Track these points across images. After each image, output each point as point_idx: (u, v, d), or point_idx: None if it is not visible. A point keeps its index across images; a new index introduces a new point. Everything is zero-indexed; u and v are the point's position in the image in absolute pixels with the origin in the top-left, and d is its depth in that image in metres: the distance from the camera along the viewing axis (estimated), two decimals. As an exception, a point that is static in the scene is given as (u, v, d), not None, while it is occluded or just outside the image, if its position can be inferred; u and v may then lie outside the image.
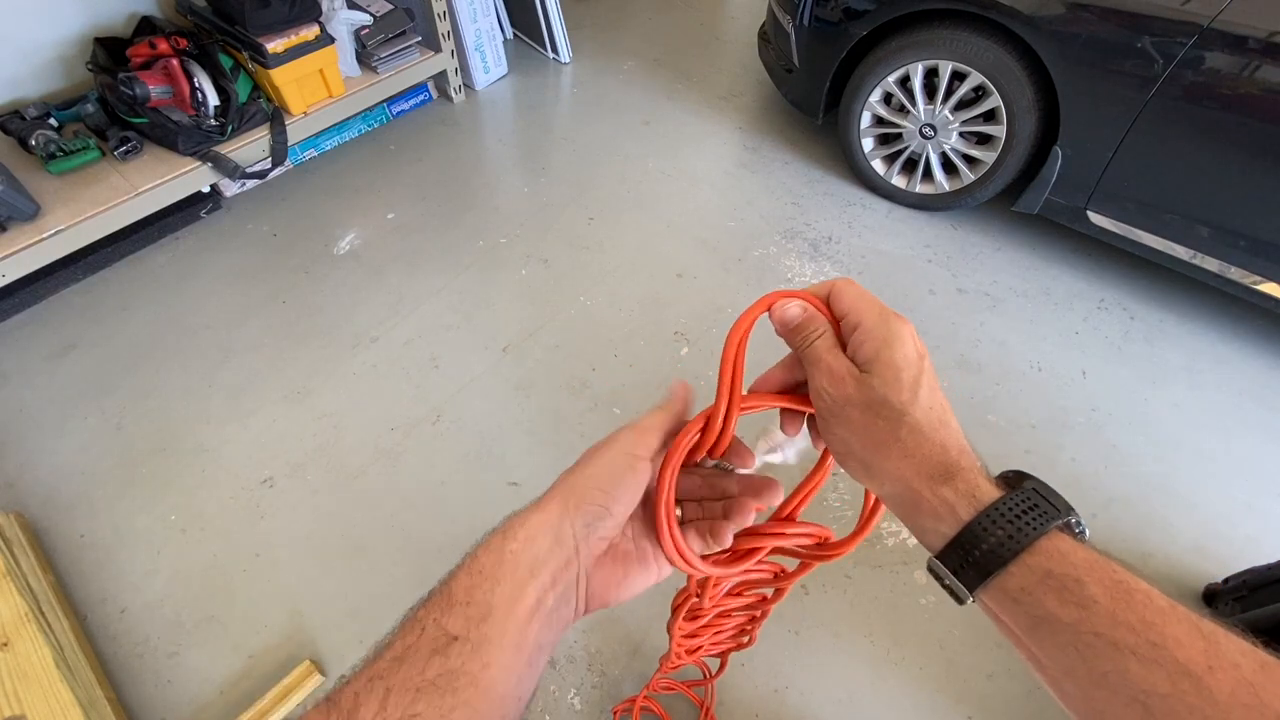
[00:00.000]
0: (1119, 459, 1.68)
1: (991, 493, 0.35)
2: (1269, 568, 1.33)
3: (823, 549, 0.49)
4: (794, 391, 0.44)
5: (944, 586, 0.36)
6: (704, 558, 0.44)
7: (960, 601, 0.36)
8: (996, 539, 0.33)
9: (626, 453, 0.40)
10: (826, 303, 0.41)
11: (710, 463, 0.45)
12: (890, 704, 1.31)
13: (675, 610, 0.69)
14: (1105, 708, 0.30)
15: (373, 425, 1.69)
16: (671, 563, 0.42)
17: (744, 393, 0.42)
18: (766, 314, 0.42)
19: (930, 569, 0.37)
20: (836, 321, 0.41)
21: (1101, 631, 0.30)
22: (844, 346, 0.40)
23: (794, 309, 0.40)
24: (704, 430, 0.41)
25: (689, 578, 0.58)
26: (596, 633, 1.37)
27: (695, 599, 0.62)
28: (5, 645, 1.17)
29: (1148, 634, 0.29)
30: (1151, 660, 0.29)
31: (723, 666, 1.12)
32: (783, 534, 0.47)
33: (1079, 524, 0.34)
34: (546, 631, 0.36)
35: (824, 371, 0.39)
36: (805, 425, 0.45)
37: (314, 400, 1.75)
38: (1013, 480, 0.37)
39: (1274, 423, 1.76)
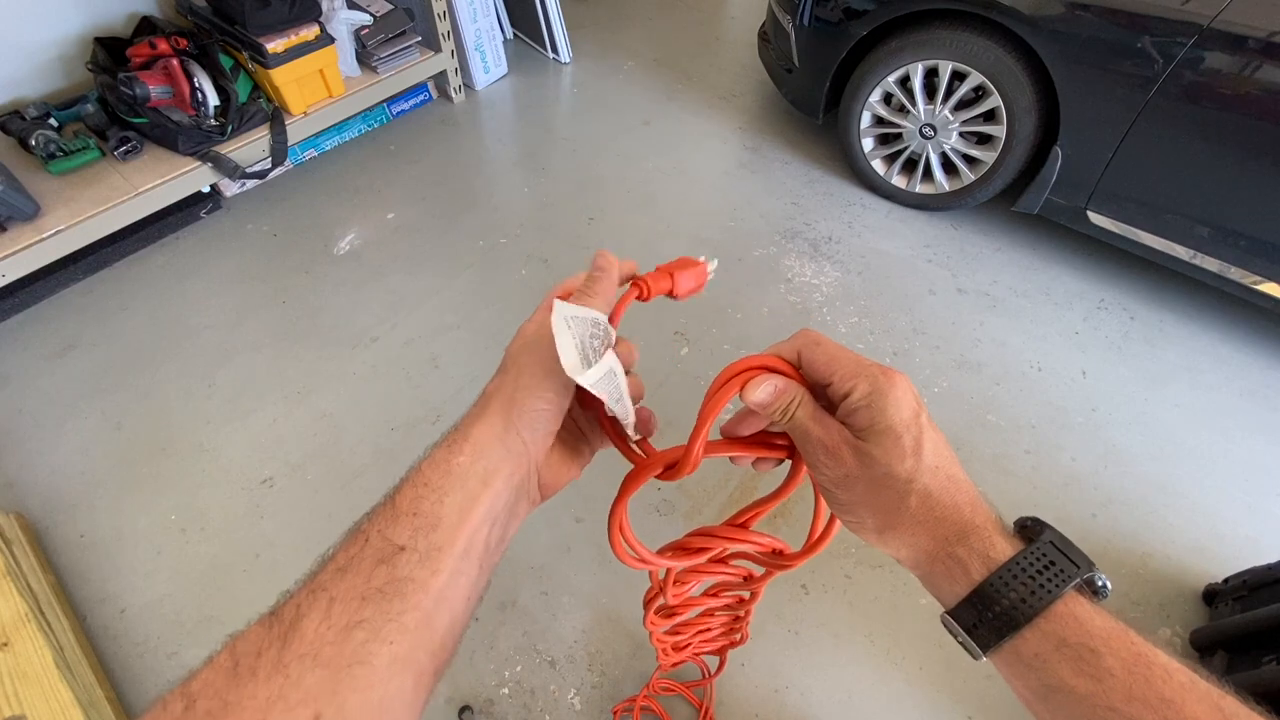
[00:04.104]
0: (1119, 459, 1.68)
1: (1006, 550, 0.34)
2: (1269, 568, 1.33)
3: (777, 558, 0.51)
4: (765, 434, 0.44)
5: (959, 642, 0.35)
6: (658, 552, 0.48)
7: (975, 658, 0.35)
8: (1010, 601, 0.32)
9: None
10: (796, 363, 0.39)
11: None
12: (890, 704, 1.31)
13: (646, 605, 0.72)
14: None
15: (373, 425, 1.69)
16: (628, 564, 0.47)
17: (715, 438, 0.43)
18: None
19: (944, 623, 0.36)
20: (805, 379, 0.39)
21: (1117, 706, 0.29)
22: (831, 406, 0.38)
23: (765, 390, 0.38)
24: (663, 474, 0.41)
25: (651, 578, 0.63)
26: (596, 633, 1.37)
27: (660, 594, 0.65)
28: (5, 645, 1.17)
29: (1165, 711, 0.28)
30: None
31: (721, 666, 1.13)
32: (734, 539, 0.49)
33: (1100, 578, 0.33)
34: (498, 530, 0.36)
35: (817, 445, 0.37)
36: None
37: (314, 400, 1.75)
38: (1030, 529, 0.35)
39: (1274, 423, 1.76)
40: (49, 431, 1.67)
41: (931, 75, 2.02)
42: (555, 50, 2.97)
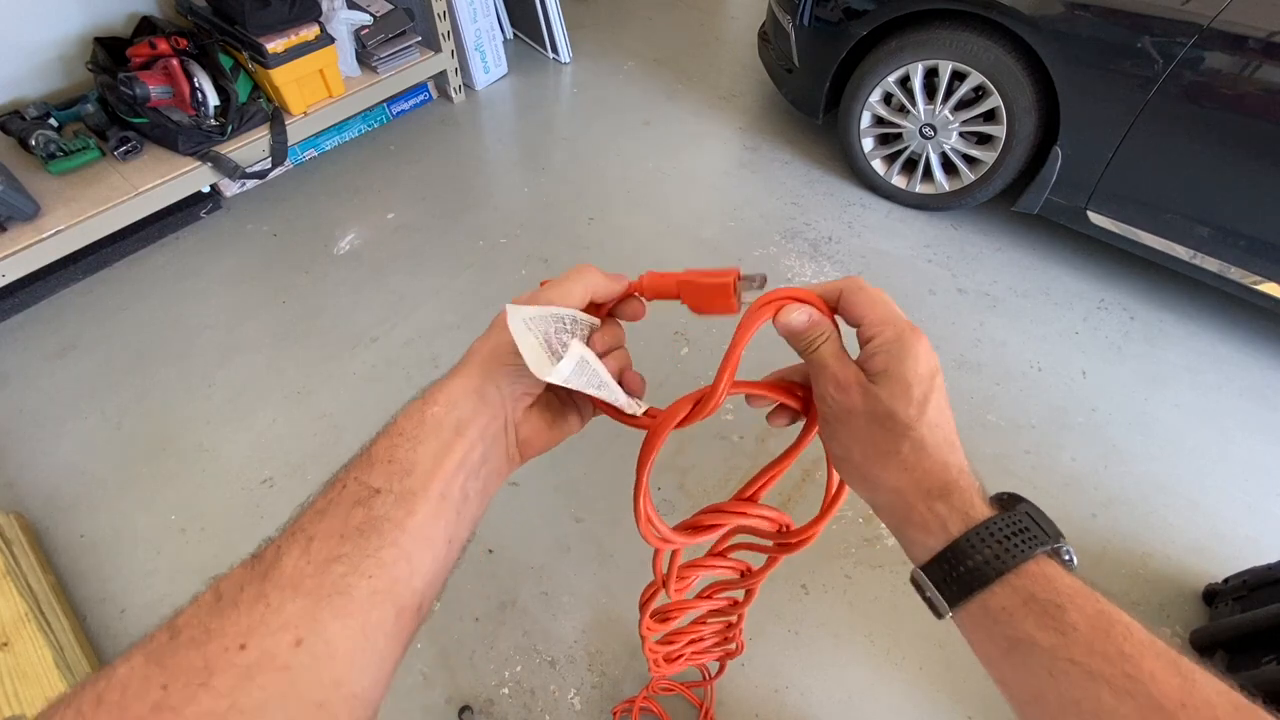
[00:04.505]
0: (1119, 459, 1.68)
1: (984, 512, 0.35)
2: (1269, 568, 1.33)
3: (785, 536, 0.52)
4: (786, 382, 0.45)
5: (924, 599, 0.36)
6: (673, 529, 0.49)
7: (939, 615, 0.36)
8: (983, 557, 0.33)
9: None
10: (835, 304, 0.40)
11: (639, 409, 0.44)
12: (890, 704, 1.31)
13: (643, 608, 0.71)
14: None
15: (373, 425, 1.66)
16: (645, 536, 0.47)
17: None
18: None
19: (913, 580, 0.37)
20: (838, 323, 0.41)
21: (1078, 659, 0.30)
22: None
23: (799, 317, 0.40)
24: (692, 410, 0.41)
25: (655, 571, 0.63)
26: (596, 633, 1.37)
27: (661, 588, 0.64)
28: (5, 645, 1.17)
29: (1124, 666, 0.29)
30: (1125, 692, 0.28)
31: (722, 668, 1.13)
32: (745, 513, 0.50)
33: (1068, 551, 0.34)
34: (475, 481, 0.37)
35: (830, 379, 0.39)
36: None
37: (314, 400, 1.75)
38: (1006, 502, 0.37)
39: (1275, 423, 1.76)
40: (49, 431, 1.67)
41: (931, 75, 2.02)
42: (555, 50, 2.97)
